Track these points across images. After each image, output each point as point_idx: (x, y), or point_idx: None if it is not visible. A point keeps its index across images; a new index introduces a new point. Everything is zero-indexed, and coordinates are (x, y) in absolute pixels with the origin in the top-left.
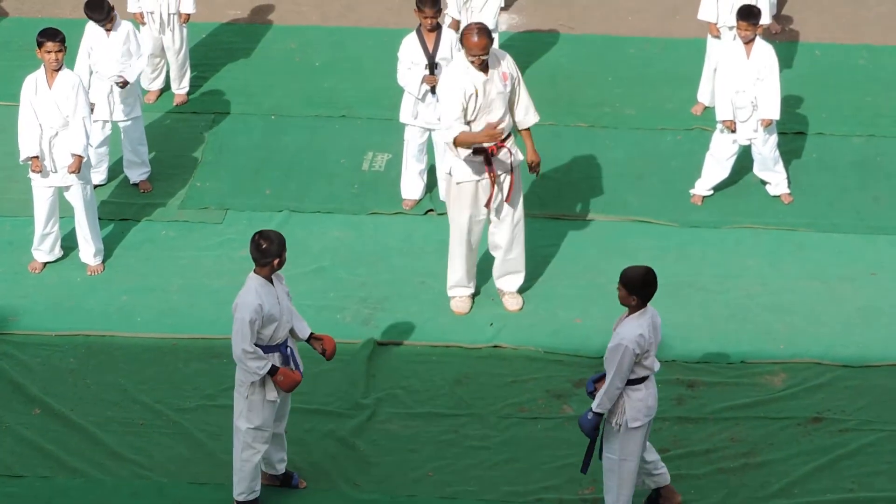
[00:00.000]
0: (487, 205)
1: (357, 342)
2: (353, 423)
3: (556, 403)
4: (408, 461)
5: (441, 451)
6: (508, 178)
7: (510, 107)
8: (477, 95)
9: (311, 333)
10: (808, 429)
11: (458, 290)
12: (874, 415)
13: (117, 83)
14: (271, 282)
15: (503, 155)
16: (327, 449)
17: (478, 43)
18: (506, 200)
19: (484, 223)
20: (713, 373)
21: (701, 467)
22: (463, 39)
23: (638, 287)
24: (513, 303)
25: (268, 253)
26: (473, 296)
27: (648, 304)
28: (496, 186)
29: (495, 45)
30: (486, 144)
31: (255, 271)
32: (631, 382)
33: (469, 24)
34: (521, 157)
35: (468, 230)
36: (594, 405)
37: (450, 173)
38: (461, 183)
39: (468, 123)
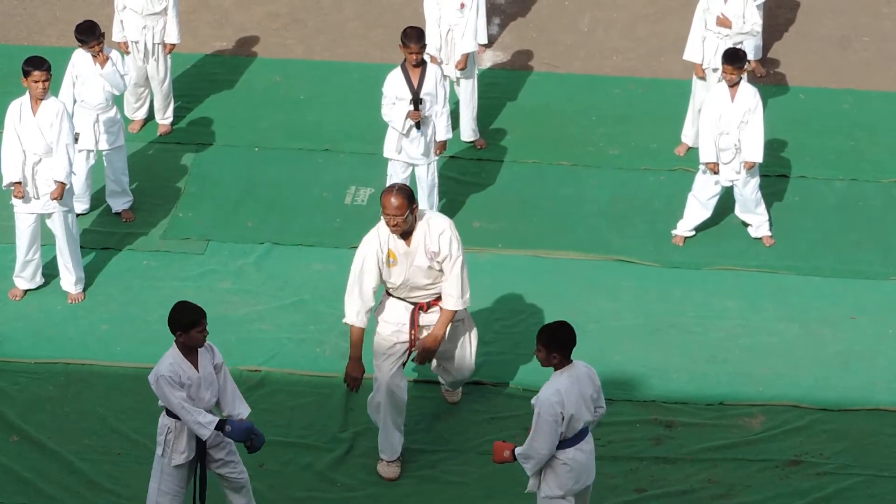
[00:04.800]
0: (403, 364)
1: (336, 375)
2: (331, 457)
3: None
4: (386, 496)
5: (419, 487)
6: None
7: None
8: (394, 260)
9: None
10: (786, 471)
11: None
12: (852, 459)
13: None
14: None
15: (434, 312)
16: (305, 482)
17: (392, 203)
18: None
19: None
20: (692, 413)
21: None
22: (381, 197)
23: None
24: (453, 396)
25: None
26: None
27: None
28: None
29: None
30: (415, 299)
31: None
32: None
33: (392, 183)
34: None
35: (389, 385)
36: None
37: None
38: (380, 326)
39: (394, 286)
